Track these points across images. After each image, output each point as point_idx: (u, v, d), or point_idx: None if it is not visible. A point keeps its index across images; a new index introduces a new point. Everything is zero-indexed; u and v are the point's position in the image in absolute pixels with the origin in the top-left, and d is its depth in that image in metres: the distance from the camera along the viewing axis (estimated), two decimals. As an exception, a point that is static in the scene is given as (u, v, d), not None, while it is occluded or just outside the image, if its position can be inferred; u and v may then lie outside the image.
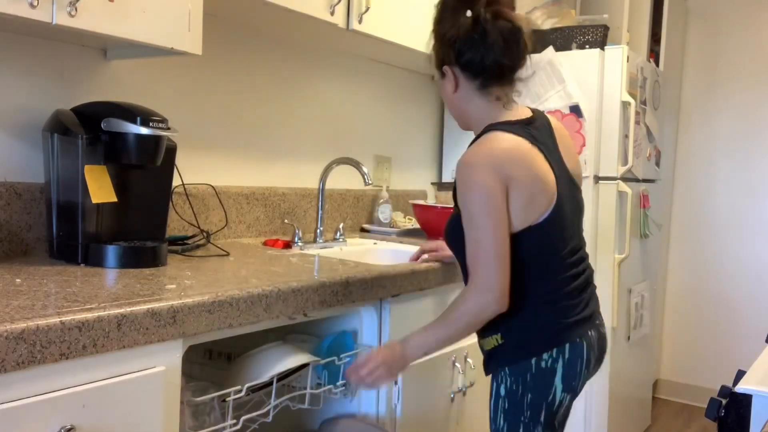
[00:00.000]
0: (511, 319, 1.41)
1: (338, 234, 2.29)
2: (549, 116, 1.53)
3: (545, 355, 1.40)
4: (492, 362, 1.47)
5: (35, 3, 1.27)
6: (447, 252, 1.84)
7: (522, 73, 1.46)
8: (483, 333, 1.48)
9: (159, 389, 1.12)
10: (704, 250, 3.93)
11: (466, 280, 1.45)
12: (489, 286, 1.34)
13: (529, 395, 1.41)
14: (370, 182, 2.14)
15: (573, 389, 1.43)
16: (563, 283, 1.43)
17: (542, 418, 1.41)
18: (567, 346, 1.40)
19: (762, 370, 1.25)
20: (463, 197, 1.36)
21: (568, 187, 1.45)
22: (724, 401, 1.25)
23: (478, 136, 1.46)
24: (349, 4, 2.05)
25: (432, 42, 1.50)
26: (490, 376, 1.50)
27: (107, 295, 1.14)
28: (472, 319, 1.37)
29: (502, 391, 1.43)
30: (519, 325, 1.41)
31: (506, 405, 1.43)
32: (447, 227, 1.50)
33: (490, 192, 1.32)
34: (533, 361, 1.40)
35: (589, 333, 1.45)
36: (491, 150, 1.36)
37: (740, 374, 1.48)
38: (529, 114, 1.48)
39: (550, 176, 1.39)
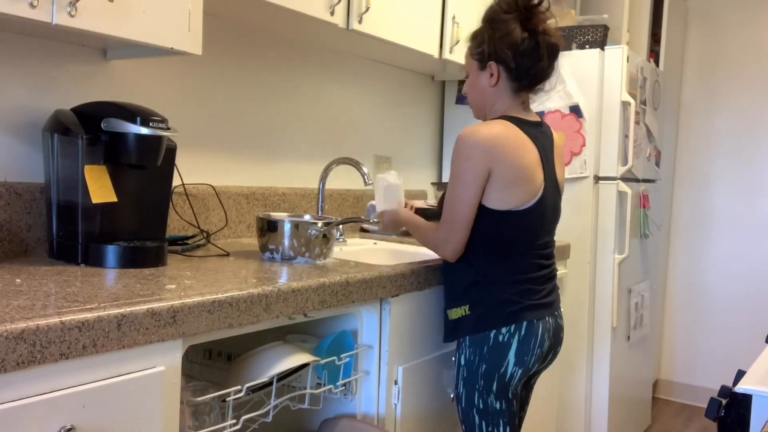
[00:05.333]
0: (480, 293, 1.60)
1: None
2: (552, 130, 1.72)
3: (503, 329, 1.58)
4: (455, 331, 1.65)
5: (35, 3, 1.27)
6: None
7: (547, 84, 1.66)
8: (452, 304, 1.66)
9: (159, 389, 1.12)
10: (704, 250, 3.93)
11: None
12: (447, 239, 1.59)
13: (484, 366, 1.59)
14: (370, 182, 2.14)
15: (524, 364, 1.59)
16: (532, 268, 1.62)
17: (494, 388, 1.59)
18: (524, 324, 1.58)
19: (762, 370, 1.25)
20: (453, 166, 1.58)
21: (553, 191, 1.65)
22: (724, 401, 1.25)
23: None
24: (349, 4, 2.05)
25: (480, 37, 1.64)
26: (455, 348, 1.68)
27: (107, 295, 1.14)
28: (429, 246, 1.67)
29: (462, 361, 1.63)
30: (486, 299, 1.59)
31: (465, 374, 1.62)
32: (443, 197, 1.68)
33: (473, 170, 1.54)
34: (492, 333, 1.58)
35: (547, 318, 1.63)
36: (488, 133, 1.55)
37: (740, 374, 1.48)
38: (538, 119, 1.68)
39: (538, 174, 1.58)
